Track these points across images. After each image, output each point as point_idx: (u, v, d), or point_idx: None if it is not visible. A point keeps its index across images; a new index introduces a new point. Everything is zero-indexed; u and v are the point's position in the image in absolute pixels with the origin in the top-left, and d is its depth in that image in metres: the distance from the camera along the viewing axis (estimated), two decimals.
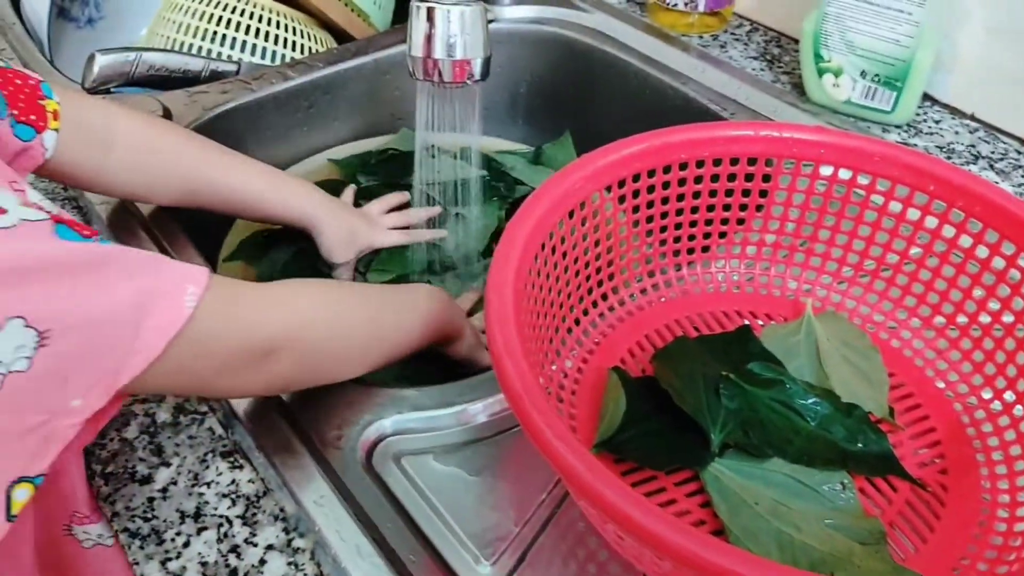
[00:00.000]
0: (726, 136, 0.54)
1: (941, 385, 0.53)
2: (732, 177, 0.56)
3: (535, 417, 0.35)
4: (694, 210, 0.57)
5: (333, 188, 0.82)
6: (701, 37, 0.89)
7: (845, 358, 0.54)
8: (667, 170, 0.55)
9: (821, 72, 0.75)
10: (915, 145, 0.73)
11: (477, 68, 0.63)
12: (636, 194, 0.55)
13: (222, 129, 0.79)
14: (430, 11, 0.61)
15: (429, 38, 0.62)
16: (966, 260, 0.52)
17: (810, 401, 0.49)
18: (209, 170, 0.62)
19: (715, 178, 0.56)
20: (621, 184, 0.54)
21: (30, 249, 0.32)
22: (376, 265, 0.74)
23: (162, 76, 0.83)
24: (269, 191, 0.66)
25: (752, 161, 0.55)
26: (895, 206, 0.54)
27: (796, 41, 0.88)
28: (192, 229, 0.67)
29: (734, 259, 0.60)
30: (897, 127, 0.75)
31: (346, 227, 0.70)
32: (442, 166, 0.75)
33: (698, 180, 0.56)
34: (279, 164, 0.84)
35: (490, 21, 0.64)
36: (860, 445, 0.48)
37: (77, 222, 0.35)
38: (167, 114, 0.76)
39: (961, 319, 0.54)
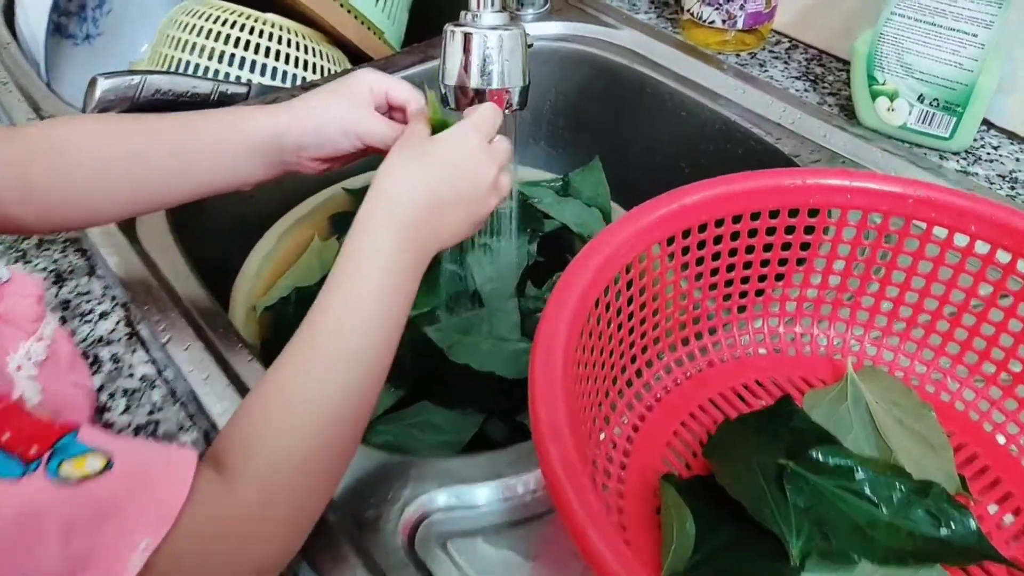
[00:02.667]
0: (796, 186, 0.49)
1: (1002, 440, 0.49)
2: (774, 230, 0.52)
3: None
4: (730, 268, 0.53)
5: (348, 220, 0.77)
6: (738, 55, 0.84)
7: (899, 421, 0.49)
8: (719, 223, 0.50)
9: (875, 95, 0.71)
10: (975, 174, 0.69)
11: (516, 97, 0.58)
12: (686, 251, 0.50)
13: None
14: (467, 37, 0.56)
15: (465, 66, 0.57)
16: (1017, 302, 0.48)
17: (881, 483, 0.44)
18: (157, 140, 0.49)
19: (771, 231, 0.51)
20: (670, 241, 0.49)
21: None
22: None
23: (168, 100, 0.77)
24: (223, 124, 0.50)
25: (814, 212, 0.51)
26: (932, 249, 0.50)
27: (839, 60, 0.83)
28: (207, 269, 0.62)
29: (757, 318, 0.55)
30: (955, 154, 0.71)
31: (316, 113, 0.51)
32: None
33: (752, 233, 0.51)
34: (293, 193, 0.79)
35: (530, 46, 0.59)
36: (946, 530, 0.43)
37: (25, 434, 0.27)
38: None
39: (1015, 365, 0.49)
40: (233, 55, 0.86)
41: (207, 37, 0.86)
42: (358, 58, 0.93)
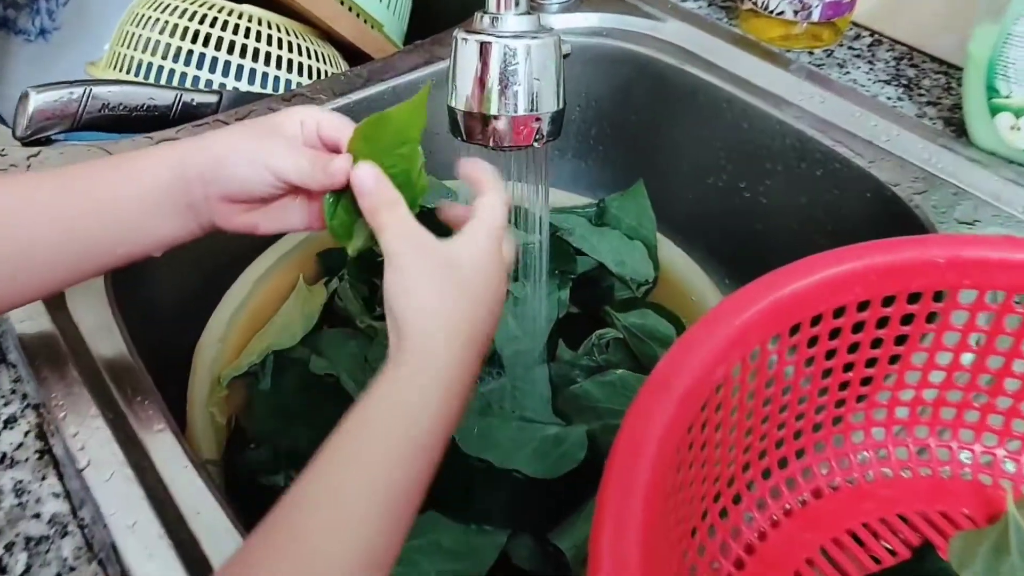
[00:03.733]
0: (949, 260, 0.35)
1: None
2: (911, 318, 0.38)
3: None
4: (848, 367, 0.39)
5: (340, 259, 0.64)
6: (811, 53, 0.69)
7: None
8: (839, 313, 0.36)
9: (995, 110, 0.56)
10: None
11: (547, 126, 0.44)
12: (792, 350, 0.36)
13: None
14: (484, 47, 0.42)
15: (481, 84, 0.43)
16: None
17: None
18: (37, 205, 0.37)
19: (907, 319, 0.38)
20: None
21: None
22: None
23: (119, 116, 0.64)
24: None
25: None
26: None
27: (936, 60, 0.68)
28: (162, 330, 0.49)
29: (877, 427, 0.41)
30: None
31: (220, 139, 0.39)
32: None
33: (882, 323, 0.37)
34: None
35: (566, 55, 0.45)
36: None
37: None
38: None
39: None
40: (204, 55, 0.72)
41: (172, 35, 0.72)
42: (355, 57, 0.79)
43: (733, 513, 0.37)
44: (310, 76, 0.74)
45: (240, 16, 0.73)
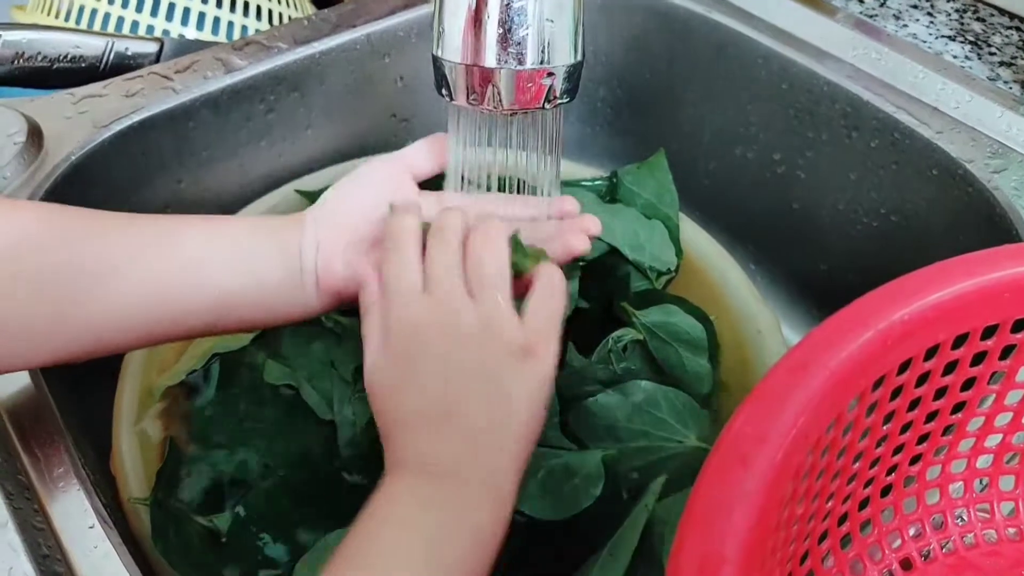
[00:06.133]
0: None
1: None
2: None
3: None
4: (958, 407, 0.29)
5: None
6: (861, 1, 0.59)
7: None
8: (959, 341, 0.27)
9: None
10: None
11: (561, 83, 0.34)
12: (897, 393, 0.27)
13: (127, 157, 0.50)
14: None
15: (476, 26, 0.33)
16: None
17: None
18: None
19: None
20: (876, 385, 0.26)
21: None
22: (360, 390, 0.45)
23: (35, 68, 0.53)
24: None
25: None
26: None
27: (1004, 12, 0.58)
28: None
29: (980, 476, 0.32)
30: None
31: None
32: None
33: (1007, 352, 0.28)
34: (224, 202, 0.56)
35: None
36: None
37: None
38: (36, 134, 0.47)
39: None
40: None
41: None
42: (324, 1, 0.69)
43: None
44: (269, 20, 0.63)
45: None
